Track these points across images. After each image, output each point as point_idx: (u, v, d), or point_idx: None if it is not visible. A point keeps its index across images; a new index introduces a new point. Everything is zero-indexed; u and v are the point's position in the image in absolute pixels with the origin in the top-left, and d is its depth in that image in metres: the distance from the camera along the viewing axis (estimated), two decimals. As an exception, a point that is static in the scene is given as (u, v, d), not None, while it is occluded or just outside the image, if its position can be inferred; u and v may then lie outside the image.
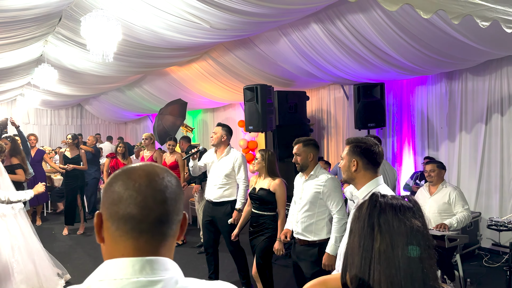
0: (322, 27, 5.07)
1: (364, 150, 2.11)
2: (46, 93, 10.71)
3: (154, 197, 0.87)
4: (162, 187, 0.89)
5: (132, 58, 6.38)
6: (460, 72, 5.82)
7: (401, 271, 1.13)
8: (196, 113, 12.34)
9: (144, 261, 0.83)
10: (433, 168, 4.22)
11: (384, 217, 1.19)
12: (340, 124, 7.79)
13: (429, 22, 4.27)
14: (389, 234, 1.17)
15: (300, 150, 3.22)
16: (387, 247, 1.15)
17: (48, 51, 6.97)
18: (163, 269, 0.85)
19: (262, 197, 3.72)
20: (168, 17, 4.33)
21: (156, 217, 0.87)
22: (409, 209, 1.22)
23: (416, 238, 1.17)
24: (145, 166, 0.93)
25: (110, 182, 0.91)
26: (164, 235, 0.89)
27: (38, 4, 4.20)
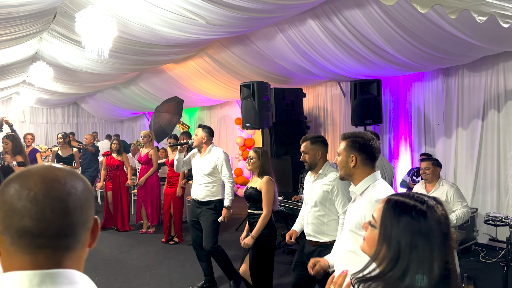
0: (319, 23, 5.05)
1: (362, 145, 2.07)
2: (41, 91, 10.63)
3: (53, 207, 0.77)
4: (63, 195, 0.79)
5: (128, 55, 6.34)
6: (456, 68, 5.82)
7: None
8: (193, 111, 12.31)
9: (44, 275, 0.75)
10: (428, 165, 4.22)
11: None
12: (337, 121, 7.78)
13: (425, 18, 4.26)
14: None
15: (308, 148, 3.10)
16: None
17: (43, 48, 6.92)
18: (68, 282, 0.77)
19: (250, 195, 3.69)
20: (164, 13, 4.29)
21: (55, 229, 0.77)
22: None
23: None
24: (43, 170, 0.81)
25: (2, 189, 0.78)
26: (68, 248, 0.80)
27: (33, 0, 4.15)
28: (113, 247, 6.16)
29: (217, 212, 4.18)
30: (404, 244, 1.09)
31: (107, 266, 5.33)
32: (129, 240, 6.50)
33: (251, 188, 3.71)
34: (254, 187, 3.68)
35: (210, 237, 4.15)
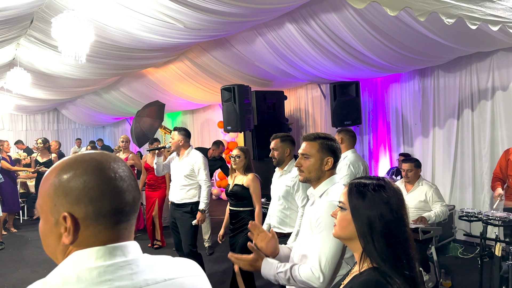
0: (297, 26, 5.12)
1: (336, 147, 2.04)
2: (20, 97, 10.48)
3: (132, 184, 0.90)
4: (130, 173, 0.92)
5: (107, 60, 6.31)
6: (432, 69, 5.96)
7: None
8: (175, 115, 12.28)
9: (105, 249, 0.85)
10: (411, 167, 4.30)
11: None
12: (318, 122, 7.87)
13: (399, 20, 4.37)
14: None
15: (278, 145, 3.29)
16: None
17: (20, 54, 6.84)
18: (122, 254, 0.87)
19: (236, 193, 3.76)
20: (142, 17, 4.30)
21: (135, 205, 0.91)
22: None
23: None
24: (105, 155, 0.91)
25: (79, 176, 0.84)
26: (131, 222, 0.92)
27: (7, 6, 4.12)
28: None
29: (193, 215, 4.20)
30: (373, 215, 1.23)
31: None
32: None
33: (236, 185, 3.76)
34: (239, 184, 3.73)
35: (188, 240, 4.17)
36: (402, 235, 1.22)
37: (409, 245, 1.21)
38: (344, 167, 3.95)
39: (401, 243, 1.20)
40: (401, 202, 1.26)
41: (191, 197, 4.29)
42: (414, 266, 1.20)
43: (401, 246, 1.20)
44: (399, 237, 1.21)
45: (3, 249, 6.43)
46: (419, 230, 3.89)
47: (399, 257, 1.18)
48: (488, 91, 5.37)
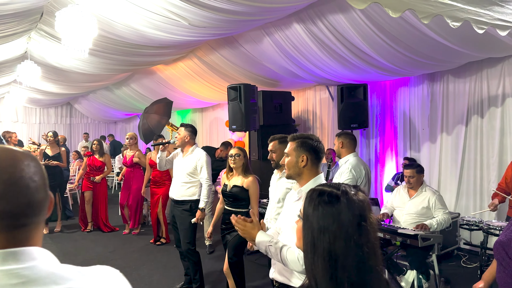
0: (304, 27, 5.08)
1: (311, 145, 2.16)
2: (32, 90, 10.64)
3: (11, 190, 0.80)
4: (17, 177, 0.82)
5: (116, 55, 6.35)
6: (441, 73, 5.86)
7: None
8: (185, 112, 12.33)
9: (6, 253, 0.79)
10: (413, 174, 4.23)
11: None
12: (325, 124, 7.81)
13: (407, 23, 4.30)
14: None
15: (276, 147, 3.26)
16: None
17: (31, 48, 6.93)
18: (29, 259, 0.80)
19: (235, 194, 3.73)
20: (148, 14, 4.31)
21: (15, 210, 0.81)
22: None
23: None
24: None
25: None
26: (27, 226, 0.83)
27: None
28: (97, 247, 6.15)
29: (192, 213, 4.18)
30: (317, 228, 1.10)
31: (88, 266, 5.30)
32: (114, 241, 6.49)
33: (235, 186, 3.74)
34: (239, 186, 3.71)
35: (187, 238, 4.16)
36: (350, 257, 1.06)
37: (359, 270, 1.05)
38: (346, 171, 3.90)
39: (346, 266, 1.05)
40: (359, 218, 1.10)
41: (190, 194, 4.27)
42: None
43: (344, 270, 1.05)
44: (346, 258, 1.06)
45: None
46: (418, 237, 3.81)
47: (340, 282, 1.05)
48: (499, 98, 5.26)
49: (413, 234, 3.88)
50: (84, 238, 6.68)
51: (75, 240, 6.57)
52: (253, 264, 5.21)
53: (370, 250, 1.08)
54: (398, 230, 4.05)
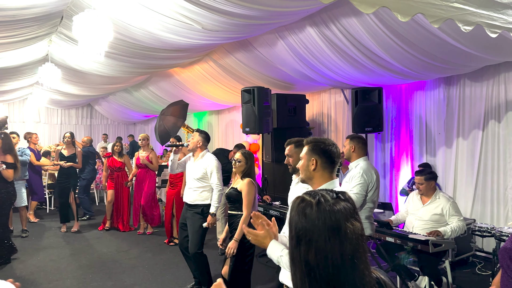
0: (317, 30, 5.09)
1: (323, 149, 2.14)
2: (54, 92, 10.91)
3: None
4: None
5: (133, 58, 6.48)
6: (458, 77, 5.77)
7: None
8: (201, 115, 12.45)
9: None
10: (421, 181, 4.20)
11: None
12: (340, 128, 7.78)
13: (421, 27, 4.27)
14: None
15: (292, 151, 3.16)
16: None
17: (52, 50, 7.12)
18: None
19: (229, 196, 3.78)
20: (162, 18, 4.40)
21: None
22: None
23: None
24: None
25: None
26: None
27: (36, 3, 4.31)
28: (111, 246, 6.27)
29: (204, 217, 4.23)
30: (295, 236, 1.09)
31: (103, 265, 5.42)
32: (129, 240, 6.61)
33: (232, 188, 3.80)
34: (235, 188, 3.76)
35: (195, 241, 4.20)
36: (321, 269, 1.03)
37: (329, 283, 1.02)
38: (357, 176, 3.86)
39: (318, 278, 1.03)
40: (332, 228, 1.05)
41: (203, 199, 4.32)
42: None
43: (316, 282, 1.03)
44: (318, 270, 1.03)
45: (27, 237, 6.71)
46: (429, 243, 3.78)
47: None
48: (516, 103, 5.15)
49: (424, 240, 3.84)
50: (99, 237, 6.82)
51: (89, 239, 6.71)
52: (263, 267, 5.23)
53: (347, 262, 1.03)
54: (409, 235, 4.02)
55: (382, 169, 7.02)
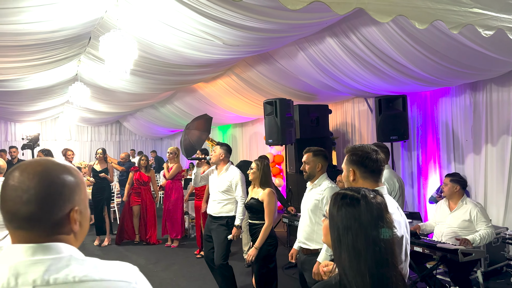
0: (337, 41, 5.12)
1: (360, 158, 2.05)
2: (84, 110, 11.31)
3: (21, 197, 0.96)
4: (34, 186, 0.96)
5: (158, 75, 6.68)
6: (484, 82, 5.66)
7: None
8: (226, 128, 12.59)
9: (36, 247, 0.95)
10: (446, 182, 4.14)
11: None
12: (364, 137, 7.72)
13: (443, 33, 4.23)
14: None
15: (310, 159, 3.30)
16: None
17: (81, 70, 7.42)
18: (55, 252, 0.96)
19: (251, 206, 3.81)
20: (184, 35, 4.53)
21: (24, 216, 0.96)
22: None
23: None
24: (28, 163, 1.01)
25: (3, 180, 1.01)
26: (45, 230, 0.98)
27: (65, 26, 4.53)
28: (140, 259, 6.39)
29: (229, 229, 4.27)
30: (342, 227, 1.27)
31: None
32: (157, 253, 6.71)
33: (252, 199, 3.84)
34: (255, 198, 3.79)
35: (221, 253, 4.24)
36: (370, 252, 1.22)
37: (380, 264, 1.21)
38: None
39: (367, 259, 1.21)
40: (377, 218, 1.27)
41: (227, 211, 4.37)
42: (384, 285, 1.19)
43: (367, 263, 1.20)
44: (367, 253, 1.22)
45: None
46: (458, 252, 3.68)
47: (363, 273, 1.19)
48: (547, 106, 5.00)
49: (453, 249, 3.75)
50: (128, 250, 6.95)
51: (119, 252, 6.86)
52: (290, 279, 5.20)
53: (387, 246, 1.24)
54: (437, 245, 3.93)
55: (410, 178, 6.91)
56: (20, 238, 0.97)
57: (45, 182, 0.97)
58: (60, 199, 0.99)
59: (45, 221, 0.97)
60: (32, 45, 4.86)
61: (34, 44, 4.83)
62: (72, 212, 1.02)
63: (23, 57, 5.39)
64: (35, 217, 0.96)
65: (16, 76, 6.63)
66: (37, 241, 0.96)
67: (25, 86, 7.57)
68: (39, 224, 0.97)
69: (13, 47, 4.90)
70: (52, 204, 0.98)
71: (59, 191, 0.99)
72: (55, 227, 0.99)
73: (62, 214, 1.00)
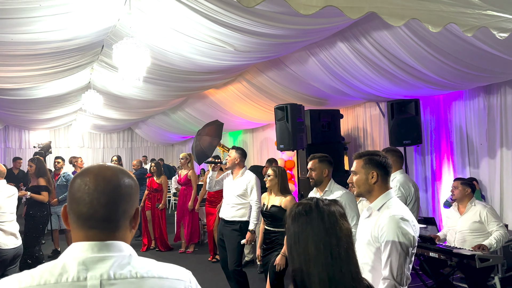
0: (348, 45, 5.10)
1: (379, 161, 2.16)
2: (96, 117, 11.43)
3: (100, 200, 1.04)
4: (109, 190, 1.05)
5: (170, 82, 6.73)
6: (498, 85, 5.58)
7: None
8: (236, 134, 12.61)
9: (101, 244, 1.04)
10: (457, 185, 4.11)
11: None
12: (376, 141, 7.66)
13: (455, 36, 4.19)
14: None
15: (316, 165, 3.29)
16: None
17: (94, 78, 7.51)
18: (117, 250, 1.05)
19: (273, 214, 3.78)
20: (196, 42, 4.57)
21: (102, 215, 1.05)
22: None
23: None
24: (97, 169, 1.09)
25: (73, 179, 1.09)
26: (112, 229, 1.06)
27: (78, 35, 4.60)
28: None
29: (242, 233, 4.26)
30: (294, 233, 1.33)
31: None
32: (170, 259, 6.71)
33: (273, 206, 3.80)
34: (277, 206, 3.76)
35: (234, 258, 4.23)
36: (320, 257, 1.27)
37: (327, 267, 1.26)
38: (394, 189, 3.80)
39: (317, 264, 1.26)
40: (329, 225, 1.30)
41: (241, 215, 4.37)
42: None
43: (315, 267, 1.27)
44: (317, 258, 1.27)
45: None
46: (475, 258, 3.62)
47: (312, 276, 1.26)
48: None
49: (470, 254, 3.69)
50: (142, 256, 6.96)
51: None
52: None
53: (341, 251, 1.27)
54: (454, 250, 3.87)
55: (424, 182, 6.83)
56: (90, 236, 1.04)
57: (117, 186, 1.06)
58: (130, 200, 1.09)
59: (116, 221, 1.07)
60: (46, 54, 4.94)
61: (48, 53, 4.91)
62: (136, 212, 1.13)
63: (37, 65, 5.49)
64: (111, 218, 1.05)
65: (31, 85, 6.74)
66: (102, 239, 1.04)
67: (39, 94, 7.69)
68: (111, 224, 1.06)
69: (28, 56, 4.99)
70: (125, 205, 1.08)
71: (129, 193, 1.09)
72: (121, 226, 1.08)
73: (130, 214, 1.10)
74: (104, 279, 0.99)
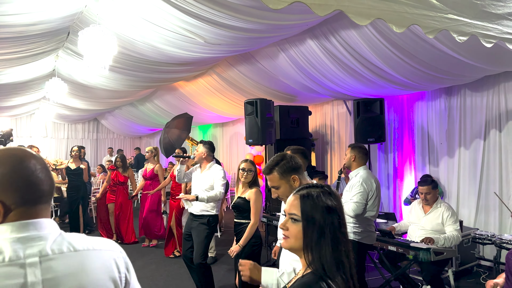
0: (318, 43, 5.19)
1: (291, 164, 2.26)
2: (61, 106, 11.09)
3: (49, 177, 1.10)
4: (32, 170, 1.06)
5: (138, 72, 6.61)
6: (458, 87, 5.82)
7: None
8: (206, 127, 12.56)
9: (19, 224, 1.02)
10: (429, 190, 4.22)
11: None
12: (343, 139, 7.83)
13: (420, 38, 4.34)
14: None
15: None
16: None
17: (59, 65, 7.28)
18: (39, 228, 1.04)
19: (238, 205, 3.81)
20: (165, 32, 4.51)
21: (49, 192, 1.11)
22: None
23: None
24: (29, 152, 1.10)
25: None
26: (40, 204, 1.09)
27: (43, 20, 4.45)
28: (116, 258, 6.30)
29: (209, 227, 4.27)
30: (324, 223, 1.30)
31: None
32: (133, 252, 6.63)
33: (239, 198, 3.83)
34: (242, 197, 3.79)
35: (201, 251, 4.23)
36: (345, 242, 1.28)
37: (349, 250, 1.28)
38: (357, 184, 3.90)
39: (344, 248, 1.26)
40: (342, 208, 1.36)
41: (209, 209, 4.37)
42: (352, 271, 1.25)
43: (342, 252, 1.26)
44: (342, 242, 1.27)
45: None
46: (431, 251, 3.79)
47: (342, 261, 1.25)
48: (517, 112, 5.18)
49: (426, 248, 3.85)
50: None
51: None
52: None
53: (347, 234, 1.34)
54: (411, 244, 4.03)
55: (386, 179, 7.04)
56: (44, 212, 1.07)
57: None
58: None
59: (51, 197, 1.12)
60: (9, 38, 4.76)
61: (11, 38, 4.73)
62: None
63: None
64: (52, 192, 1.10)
65: (-9, 70, 6.47)
66: (34, 217, 1.04)
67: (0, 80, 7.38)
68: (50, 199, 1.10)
69: (-12, 40, 4.79)
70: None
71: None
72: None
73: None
74: (43, 255, 1.00)
